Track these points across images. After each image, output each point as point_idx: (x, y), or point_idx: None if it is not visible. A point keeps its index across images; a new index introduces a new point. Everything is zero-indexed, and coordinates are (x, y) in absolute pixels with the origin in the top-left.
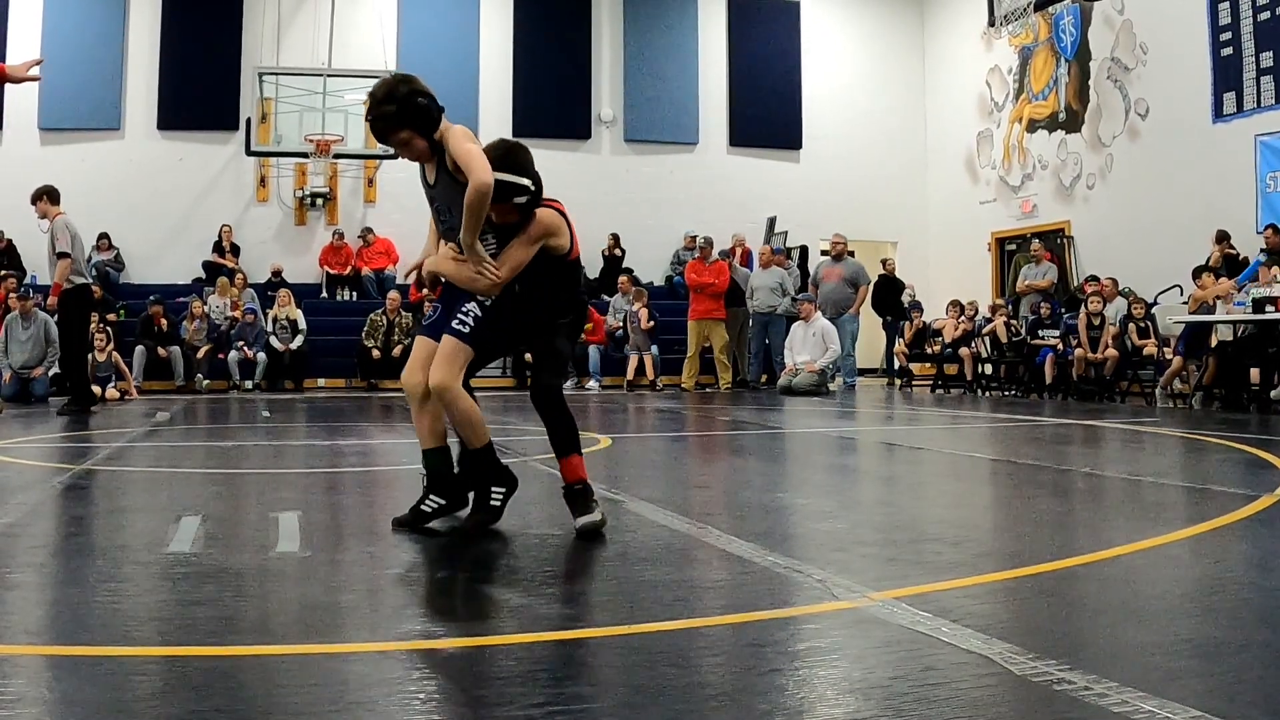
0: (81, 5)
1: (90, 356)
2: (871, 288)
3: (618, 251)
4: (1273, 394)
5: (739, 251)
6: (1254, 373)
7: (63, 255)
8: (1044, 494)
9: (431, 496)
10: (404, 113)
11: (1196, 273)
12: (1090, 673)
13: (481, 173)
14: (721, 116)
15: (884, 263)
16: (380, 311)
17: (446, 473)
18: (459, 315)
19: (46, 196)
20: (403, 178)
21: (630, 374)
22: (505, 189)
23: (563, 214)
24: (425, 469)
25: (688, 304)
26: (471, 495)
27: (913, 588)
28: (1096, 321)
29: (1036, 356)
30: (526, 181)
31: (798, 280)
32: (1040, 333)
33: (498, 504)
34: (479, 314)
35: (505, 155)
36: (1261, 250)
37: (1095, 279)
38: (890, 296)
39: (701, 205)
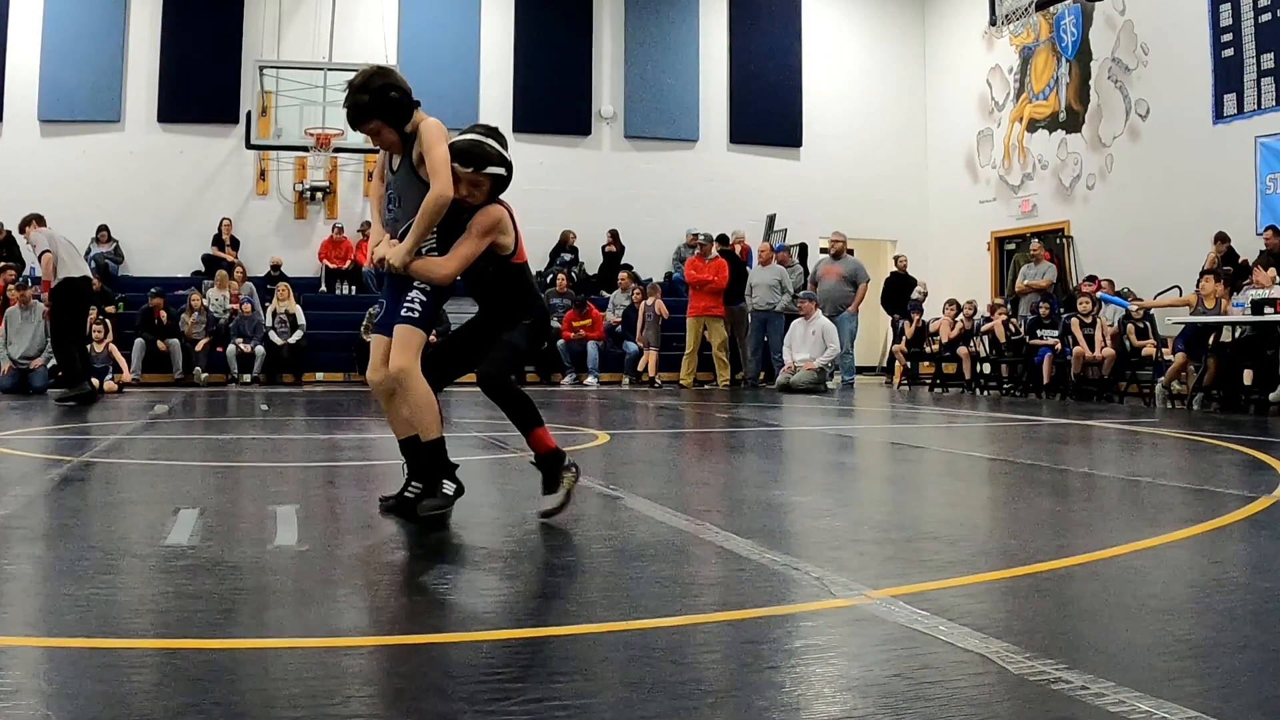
0: None
1: (89, 348)
2: (883, 285)
3: (614, 249)
4: (1271, 396)
5: (738, 249)
6: (1247, 374)
7: (44, 253)
8: (1041, 494)
9: (413, 483)
10: (376, 104)
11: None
12: (1087, 672)
13: (445, 185)
14: (722, 113)
15: (896, 259)
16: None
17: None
18: (405, 304)
19: (35, 221)
20: None
21: (642, 366)
22: (482, 157)
23: (511, 215)
24: (404, 457)
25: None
26: (420, 484)
27: (910, 586)
28: (1089, 320)
29: (1035, 356)
30: (508, 156)
31: (800, 278)
32: (1039, 332)
33: (448, 494)
34: (424, 299)
35: (494, 132)
36: (1261, 251)
37: (1093, 279)
38: (901, 294)
39: (701, 202)
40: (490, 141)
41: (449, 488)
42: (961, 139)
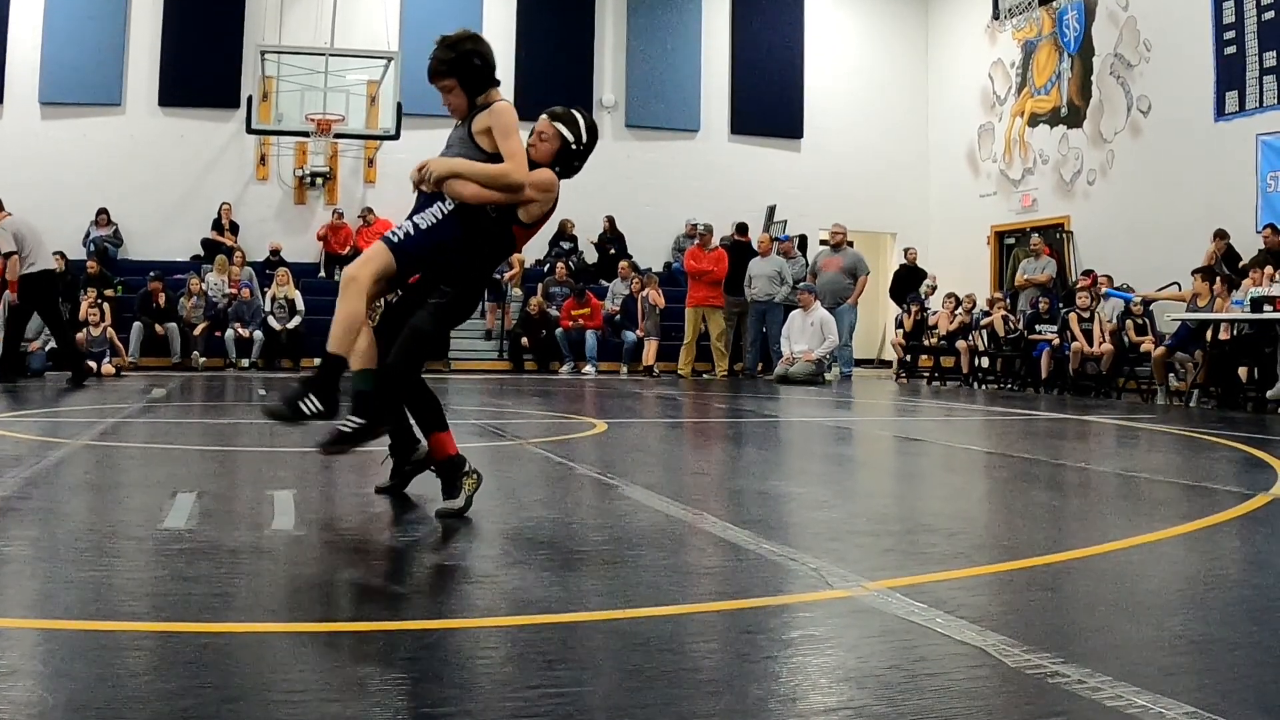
0: None
1: (85, 331)
2: (892, 278)
3: (610, 239)
4: (1269, 393)
5: (732, 239)
6: (1243, 371)
7: (9, 255)
8: (1039, 488)
9: (350, 418)
10: (457, 63)
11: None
12: (1084, 666)
13: (519, 172)
14: (723, 104)
15: (905, 252)
16: None
17: (370, 396)
18: (396, 229)
19: None
20: (403, 158)
21: (646, 360)
22: (560, 114)
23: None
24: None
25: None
26: (308, 402)
27: (907, 578)
28: (1087, 315)
29: (1033, 351)
30: (583, 137)
31: (803, 270)
32: (1038, 327)
33: (349, 430)
34: (410, 231)
35: (587, 116)
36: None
37: (1090, 273)
38: (911, 287)
39: (702, 192)
40: (576, 113)
41: (350, 427)
42: (963, 132)
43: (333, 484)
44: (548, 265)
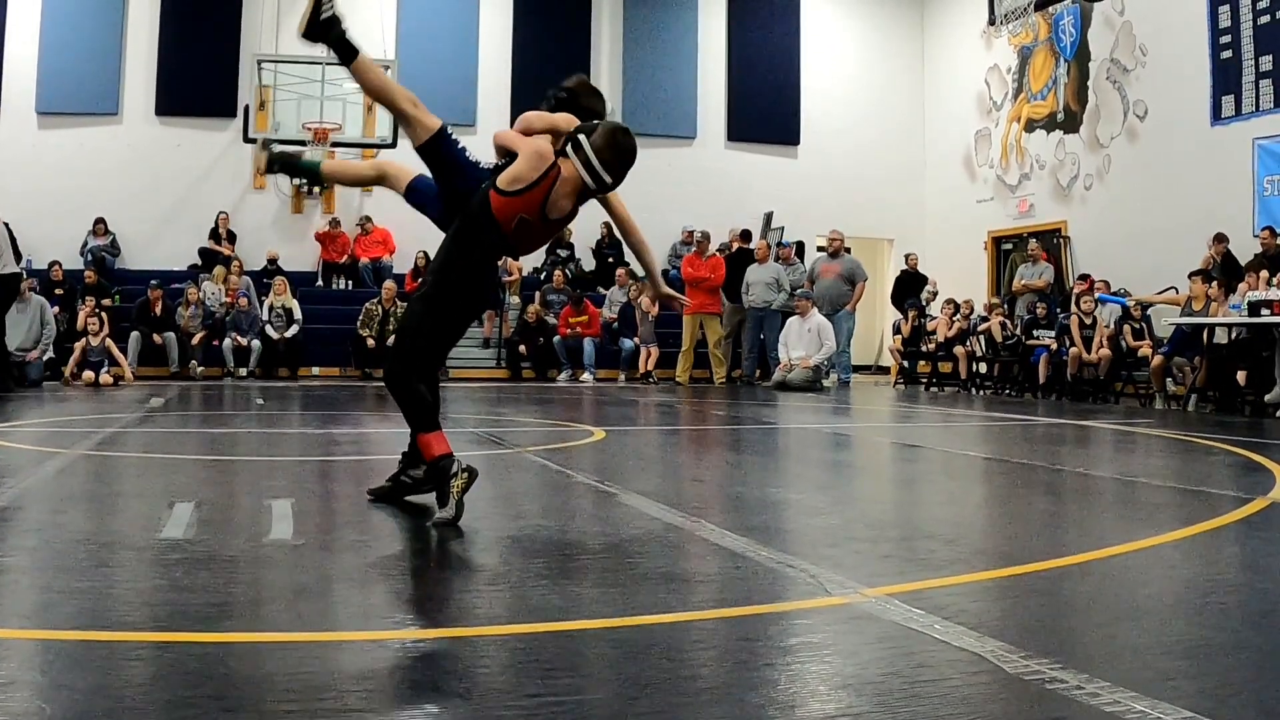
0: None
1: (85, 340)
2: (893, 283)
3: (608, 246)
4: (1267, 398)
5: (735, 246)
6: (1241, 375)
7: None
8: (1037, 493)
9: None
10: (552, 95)
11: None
12: (1082, 672)
13: (525, 121)
14: (720, 110)
15: (906, 258)
16: (376, 301)
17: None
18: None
19: None
20: None
21: (643, 367)
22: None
23: (552, 175)
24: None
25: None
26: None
27: (905, 584)
28: (1089, 321)
29: (1031, 356)
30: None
31: (802, 276)
32: (1035, 333)
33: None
34: (466, 149)
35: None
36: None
37: (1086, 278)
38: (912, 293)
39: (698, 199)
40: (604, 123)
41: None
42: (959, 138)
43: (330, 493)
44: (545, 273)
